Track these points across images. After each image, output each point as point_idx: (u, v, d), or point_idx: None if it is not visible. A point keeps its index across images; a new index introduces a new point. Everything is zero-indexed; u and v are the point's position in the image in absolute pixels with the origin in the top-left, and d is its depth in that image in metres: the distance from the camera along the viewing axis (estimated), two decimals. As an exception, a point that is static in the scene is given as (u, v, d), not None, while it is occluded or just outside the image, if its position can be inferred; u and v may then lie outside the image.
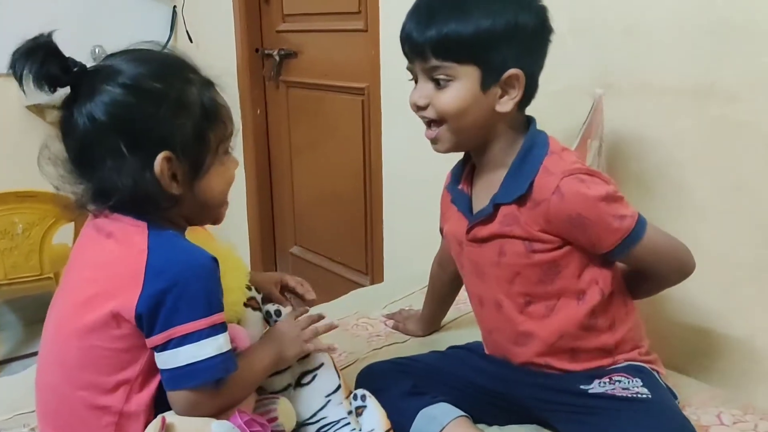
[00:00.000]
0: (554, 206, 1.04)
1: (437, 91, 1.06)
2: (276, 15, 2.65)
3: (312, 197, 2.68)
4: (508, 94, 1.06)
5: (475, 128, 1.08)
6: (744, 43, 1.26)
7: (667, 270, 1.14)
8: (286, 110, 2.70)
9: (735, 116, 1.29)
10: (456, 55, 1.03)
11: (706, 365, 1.41)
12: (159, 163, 0.89)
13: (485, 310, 1.19)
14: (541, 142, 1.09)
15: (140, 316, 0.86)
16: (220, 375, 0.89)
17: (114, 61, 0.92)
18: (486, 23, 1.01)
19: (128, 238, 0.90)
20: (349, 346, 1.48)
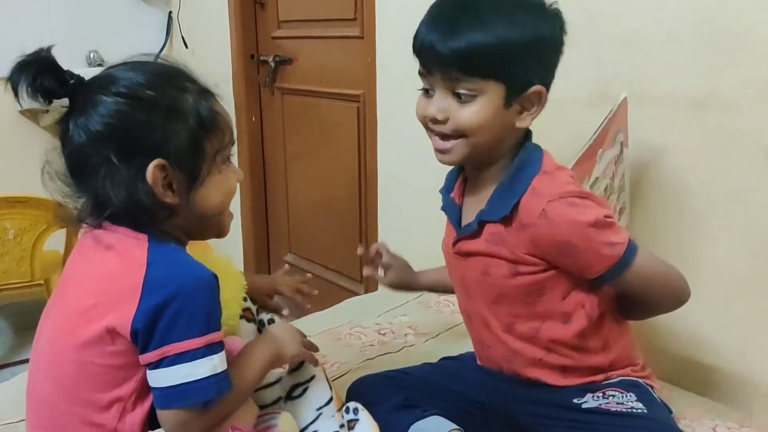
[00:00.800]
0: (541, 230, 1.00)
1: (459, 106, 1.01)
2: (271, 21, 2.64)
3: (307, 204, 2.66)
4: (528, 110, 1.03)
5: (493, 143, 1.04)
6: (742, 54, 1.26)
7: (658, 298, 1.10)
8: (281, 117, 2.69)
9: (733, 126, 1.28)
10: (482, 70, 0.99)
11: (702, 378, 1.40)
12: (151, 171, 0.87)
13: (474, 325, 1.18)
14: (534, 160, 1.05)
15: (136, 332, 0.84)
16: (212, 396, 0.87)
17: (111, 71, 0.92)
18: (511, 36, 0.98)
19: (128, 251, 0.89)
20: (342, 356, 1.46)
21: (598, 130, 1.28)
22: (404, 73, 2.00)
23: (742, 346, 1.34)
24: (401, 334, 1.58)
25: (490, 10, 0.99)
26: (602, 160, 1.30)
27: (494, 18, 0.98)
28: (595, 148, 1.27)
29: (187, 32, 2.97)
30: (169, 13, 3.06)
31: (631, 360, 1.14)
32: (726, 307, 1.35)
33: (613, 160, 1.33)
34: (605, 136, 1.29)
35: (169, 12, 3.06)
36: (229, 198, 0.97)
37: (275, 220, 2.87)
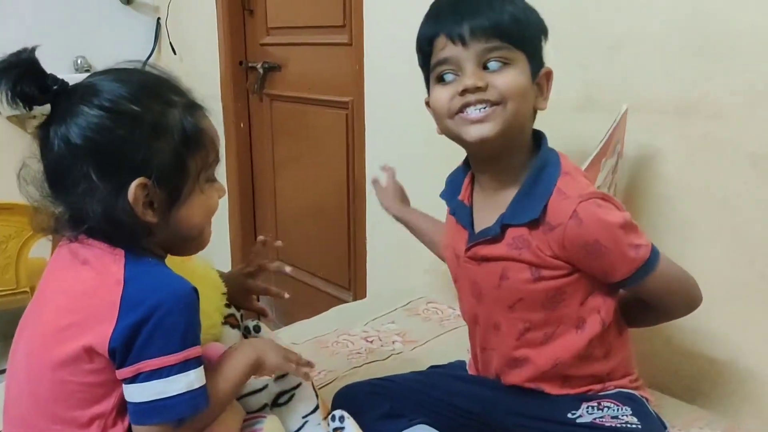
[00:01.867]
0: (571, 231, 0.99)
1: (492, 74, 1.01)
2: (260, 28, 2.63)
3: (295, 211, 2.65)
4: (542, 94, 1.06)
5: (523, 120, 1.05)
6: (728, 61, 1.26)
7: (675, 302, 1.10)
8: (269, 123, 2.68)
9: (720, 134, 1.28)
10: (515, 38, 1.01)
11: (691, 386, 1.39)
12: (133, 191, 0.84)
13: (479, 329, 1.16)
14: (553, 161, 1.05)
15: (114, 350, 0.83)
16: (187, 413, 0.85)
17: (95, 79, 0.88)
18: (533, 13, 1.05)
19: (105, 267, 0.86)
20: (329, 364, 1.45)
21: (604, 139, 1.27)
22: (393, 80, 2.02)
23: (732, 353, 1.34)
24: (389, 342, 1.57)
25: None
26: (604, 168, 1.30)
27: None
28: (600, 156, 1.27)
29: (175, 39, 2.96)
30: (157, 20, 3.05)
31: (628, 370, 1.13)
32: (714, 314, 1.34)
33: (611, 169, 1.33)
34: (609, 146, 1.29)
35: (157, 18, 3.05)
36: (209, 217, 0.94)
37: (263, 227, 2.85)
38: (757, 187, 1.25)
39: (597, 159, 1.25)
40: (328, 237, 2.47)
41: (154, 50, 3.07)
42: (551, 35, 1.51)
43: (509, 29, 1.01)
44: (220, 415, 0.93)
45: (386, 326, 1.66)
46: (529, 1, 1.08)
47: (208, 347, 0.99)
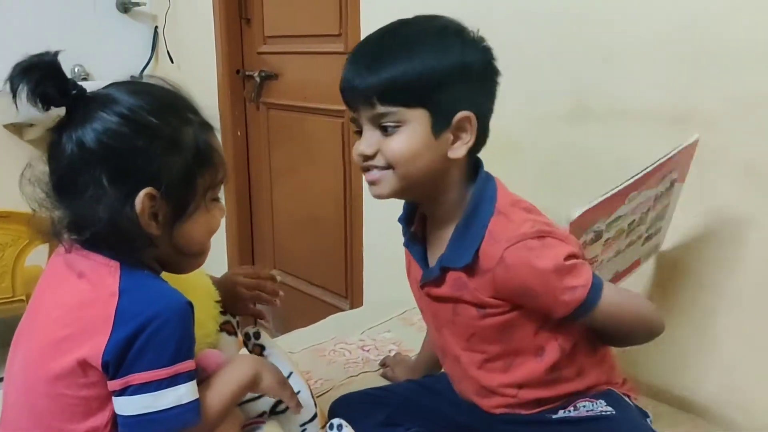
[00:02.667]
0: (499, 277, 0.99)
1: (386, 138, 0.99)
2: (257, 36, 2.64)
3: (292, 220, 2.66)
4: (461, 139, 1.00)
5: (426, 176, 1.01)
6: (721, 70, 1.27)
7: (629, 332, 1.09)
8: (266, 132, 2.69)
9: (712, 143, 1.29)
10: (404, 98, 0.97)
11: (687, 395, 1.40)
12: (141, 200, 0.85)
13: (447, 360, 1.17)
14: (488, 197, 1.03)
15: (107, 363, 0.83)
16: (176, 427, 0.85)
17: (114, 89, 0.89)
18: (432, 63, 0.97)
19: (100, 279, 0.86)
20: (325, 372, 1.46)
21: (638, 176, 1.17)
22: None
23: (728, 362, 1.34)
24: (385, 351, 1.57)
25: (409, 41, 0.99)
26: (634, 201, 1.22)
27: (413, 47, 0.97)
28: (627, 191, 1.19)
29: (172, 47, 2.97)
30: (155, 28, 3.05)
31: (610, 380, 1.12)
32: (710, 323, 1.35)
33: (654, 197, 1.26)
34: (645, 181, 1.20)
35: (155, 27, 3.05)
36: (211, 235, 0.94)
37: (260, 235, 2.86)
38: (750, 195, 1.26)
39: (623, 193, 1.17)
40: (324, 245, 2.48)
41: (152, 59, 3.07)
42: (546, 45, 1.53)
43: (396, 93, 0.97)
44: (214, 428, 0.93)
45: (382, 335, 1.66)
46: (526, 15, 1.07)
47: (203, 355, 0.99)
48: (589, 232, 1.18)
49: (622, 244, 1.27)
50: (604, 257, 1.25)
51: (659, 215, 1.33)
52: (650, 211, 1.28)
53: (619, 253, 1.28)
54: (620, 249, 1.27)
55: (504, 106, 1.08)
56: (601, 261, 1.26)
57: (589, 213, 1.13)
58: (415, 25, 1.02)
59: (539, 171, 1.59)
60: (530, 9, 1.57)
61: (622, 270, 1.35)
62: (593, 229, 1.17)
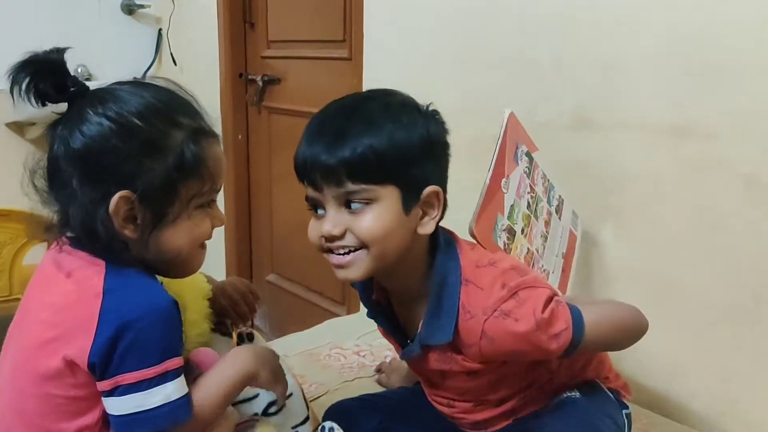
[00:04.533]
0: (486, 349, 0.98)
1: (354, 217, 0.94)
2: (261, 40, 2.65)
3: (290, 225, 2.65)
4: (428, 215, 0.98)
5: (398, 254, 0.97)
6: (722, 82, 1.27)
7: (616, 344, 1.10)
8: (267, 136, 2.69)
9: (712, 154, 1.29)
10: (375, 175, 0.93)
11: (681, 405, 1.39)
12: (115, 202, 0.83)
13: (438, 405, 1.16)
14: (453, 266, 1.00)
15: (93, 364, 0.82)
16: (166, 425, 0.85)
17: (114, 86, 0.88)
18: (401, 138, 0.93)
19: (86, 279, 0.85)
20: (320, 377, 1.45)
21: (491, 166, 1.21)
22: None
23: (724, 374, 1.34)
24: (381, 357, 1.57)
25: (374, 115, 0.94)
26: (510, 186, 1.26)
27: (380, 122, 0.93)
28: (496, 181, 1.22)
29: (176, 49, 2.97)
30: (158, 30, 3.06)
31: (599, 375, 1.14)
32: (706, 334, 1.35)
33: (525, 175, 1.31)
34: (503, 166, 1.24)
35: (159, 29, 3.06)
36: (195, 244, 0.91)
37: (258, 239, 2.86)
38: (751, 208, 1.26)
39: (493, 189, 1.20)
40: (323, 250, 2.47)
41: (155, 61, 3.08)
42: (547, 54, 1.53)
43: (367, 169, 0.92)
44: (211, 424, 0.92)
45: (378, 341, 1.65)
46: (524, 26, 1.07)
47: (196, 353, 0.98)
48: (500, 232, 1.21)
49: (540, 227, 1.30)
50: (535, 246, 1.28)
51: (547, 187, 1.38)
52: (534, 187, 1.32)
53: (546, 236, 1.31)
54: (543, 232, 1.30)
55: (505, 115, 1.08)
56: (536, 250, 1.28)
57: (482, 216, 1.16)
58: (375, 101, 0.98)
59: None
60: (532, 19, 1.57)
61: (565, 249, 1.37)
62: (501, 228, 1.21)
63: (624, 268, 1.47)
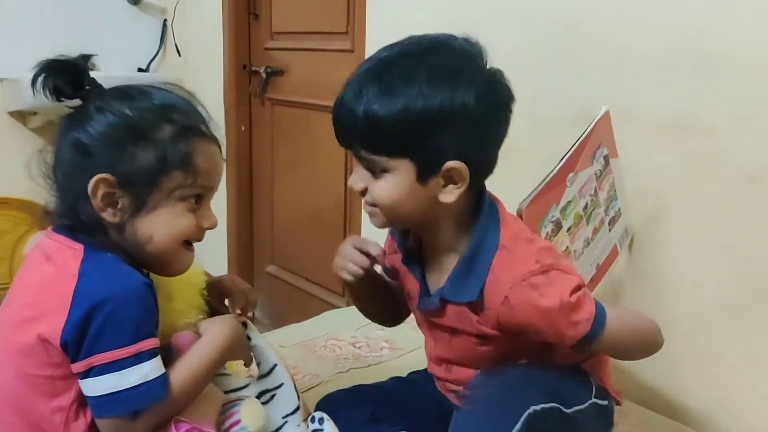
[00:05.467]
0: (504, 317, 0.98)
1: (374, 180, 0.97)
2: (265, 32, 2.64)
3: (292, 216, 2.66)
4: (452, 184, 0.96)
5: (415, 217, 1.00)
6: (723, 79, 1.26)
7: (629, 353, 1.10)
8: (270, 128, 2.69)
9: (713, 150, 1.29)
10: (386, 148, 0.94)
11: (674, 401, 1.39)
12: (94, 182, 0.88)
13: (435, 367, 1.16)
14: (493, 230, 0.99)
15: (66, 343, 0.85)
16: (144, 404, 0.86)
17: (126, 86, 0.94)
18: (416, 108, 0.90)
19: (64, 261, 0.89)
20: (314, 368, 1.45)
21: (566, 155, 1.23)
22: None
23: (716, 370, 1.33)
24: (377, 348, 1.57)
25: (396, 80, 0.92)
26: (575, 182, 1.26)
27: (400, 88, 0.91)
28: (564, 173, 1.23)
29: (180, 41, 2.97)
30: (164, 21, 3.06)
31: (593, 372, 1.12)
32: (701, 330, 1.34)
33: (594, 177, 1.30)
34: (576, 160, 1.24)
35: (164, 20, 3.06)
36: (175, 239, 0.93)
37: (259, 230, 2.86)
38: (750, 204, 1.25)
39: (560, 177, 1.20)
40: (323, 243, 2.47)
41: (160, 51, 3.08)
42: (550, 48, 1.53)
43: (377, 143, 0.94)
44: (190, 404, 0.93)
45: (375, 333, 1.65)
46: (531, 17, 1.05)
47: (176, 336, 0.99)
48: (547, 223, 1.20)
49: (587, 231, 1.28)
50: (575, 248, 1.26)
51: (611, 196, 1.35)
52: (599, 192, 1.31)
53: (590, 243, 1.29)
54: (588, 237, 1.28)
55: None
56: (573, 252, 1.27)
57: (537, 201, 1.15)
58: (414, 59, 0.95)
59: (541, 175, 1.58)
60: (535, 14, 1.57)
61: (602, 261, 1.36)
62: (549, 219, 1.20)
63: (624, 263, 1.46)
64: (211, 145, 0.95)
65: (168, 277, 1.00)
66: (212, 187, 0.96)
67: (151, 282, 0.90)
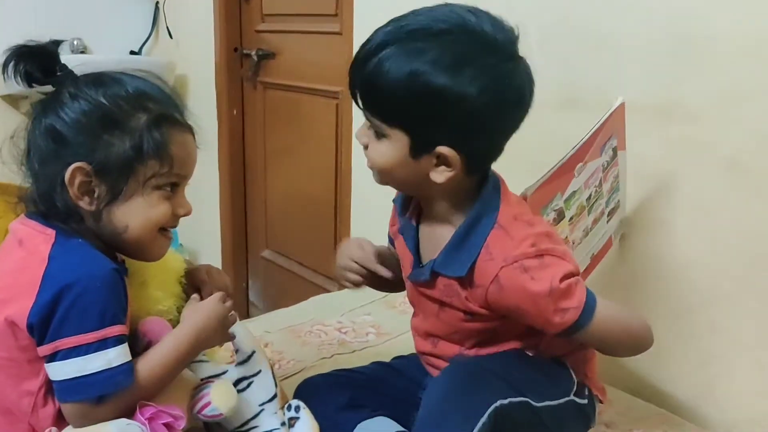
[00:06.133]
0: (492, 296, 0.97)
1: (375, 140, 0.98)
2: (255, 14, 2.62)
3: (285, 200, 2.65)
4: (445, 166, 0.95)
5: (405, 185, 1.03)
6: (705, 64, 1.24)
7: (615, 348, 1.08)
8: (262, 111, 2.67)
9: (697, 136, 1.27)
10: (382, 113, 0.95)
11: (661, 389, 1.38)
12: (70, 171, 0.88)
13: (421, 340, 1.15)
14: (492, 208, 0.99)
15: (32, 326, 0.85)
16: (107, 390, 0.86)
17: (99, 73, 0.94)
18: (418, 82, 0.90)
19: (35, 246, 0.90)
20: (298, 353, 1.45)
21: (578, 145, 1.20)
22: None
23: (702, 358, 1.33)
24: (363, 333, 1.56)
25: (410, 49, 0.90)
26: (582, 173, 1.23)
27: (408, 58, 0.90)
28: (573, 163, 1.20)
29: (172, 23, 2.95)
30: (155, 4, 3.03)
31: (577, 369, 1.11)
32: (687, 318, 1.33)
33: (601, 168, 1.28)
34: (587, 151, 1.22)
35: (155, 2, 3.03)
36: (150, 226, 0.93)
37: (253, 215, 2.85)
38: (732, 190, 1.23)
39: (569, 165, 1.19)
40: (315, 226, 2.47)
41: (152, 34, 3.05)
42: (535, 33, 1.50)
43: (374, 105, 0.95)
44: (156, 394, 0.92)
45: (362, 318, 1.65)
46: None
47: (144, 322, 0.99)
48: (550, 210, 1.18)
49: (587, 221, 1.27)
50: (574, 237, 1.25)
51: (614, 187, 1.33)
52: (603, 183, 1.29)
53: (588, 233, 1.28)
54: (587, 227, 1.27)
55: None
56: (572, 242, 1.25)
57: (543, 188, 1.13)
58: (437, 39, 0.91)
59: (524, 160, 1.56)
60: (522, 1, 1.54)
61: (597, 251, 1.34)
62: (553, 207, 1.18)
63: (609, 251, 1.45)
64: (186, 134, 0.96)
65: (145, 262, 1.00)
66: (187, 175, 0.97)
67: (119, 267, 0.91)
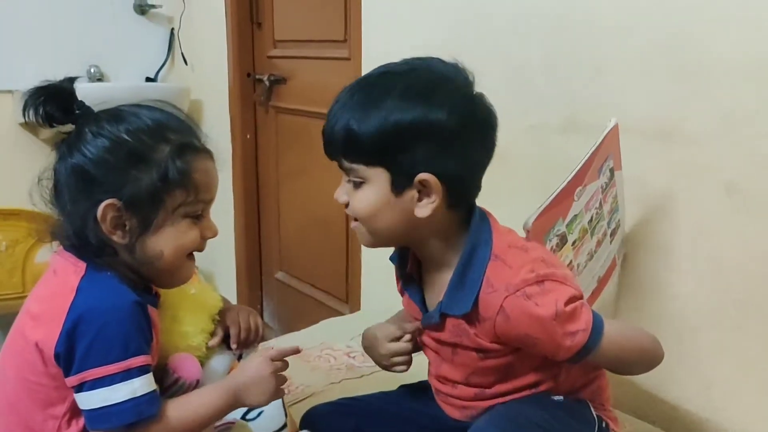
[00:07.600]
0: (500, 327, 0.98)
1: (354, 191, 1.00)
2: (267, 40, 2.66)
3: (298, 223, 2.67)
4: (426, 198, 0.98)
5: (395, 231, 1.01)
6: (705, 87, 1.25)
7: (630, 366, 1.08)
8: (275, 135, 2.71)
9: (697, 159, 1.28)
10: (363, 157, 0.97)
11: (667, 412, 1.38)
12: (101, 209, 0.91)
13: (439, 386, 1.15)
14: (484, 241, 1.00)
15: (58, 356, 0.89)
16: (132, 419, 0.90)
17: (116, 108, 0.97)
18: (391, 120, 0.94)
19: (66, 276, 0.93)
20: (307, 378, 1.47)
21: (576, 170, 1.21)
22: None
23: (707, 380, 1.33)
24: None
25: (377, 94, 0.96)
26: (582, 196, 1.25)
27: (380, 102, 0.95)
28: (572, 187, 1.22)
29: (187, 50, 3.00)
30: (171, 30, 3.09)
31: (593, 399, 1.11)
32: (690, 341, 1.33)
33: (599, 190, 1.30)
34: (585, 174, 1.23)
35: (171, 29, 3.09)
36: (180, 252, 0.97)
37: (267, 237, 2.88)
38: (732, 214, 1.24)
39: (568, 191, 1.20)
40: (328, 249, 2.49)
41: (167, 60, 3.11)
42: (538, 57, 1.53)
43: (355, 151, 0.98)
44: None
45: (371, 342, 1.66)
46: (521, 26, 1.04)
47: (174, 358, 1.02)
48: (552, 237, 1.19)
49: (591, 244, 1.27)
50: (578, 261, 1.25)
51: (614, 208, 1.34)
52: (603, 205, 1.30)
53: (593, 256, 1.28)
54: (592, 250, 1.28)
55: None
56: (577, 266, 1.26)
57: (544, 215, 1.14)
58: (397, 77, 0.99)
59: (529, 181, 1.59)
60: (523, 21, 1.57)
61: (603, 274, 1.35)
62: (555, 233, 1.19)
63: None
64: (207, 160, 0.99)
65: (170, 288, 1.03)
66: (211, 199, 1.00)
67: (148, 299, 0.95)
